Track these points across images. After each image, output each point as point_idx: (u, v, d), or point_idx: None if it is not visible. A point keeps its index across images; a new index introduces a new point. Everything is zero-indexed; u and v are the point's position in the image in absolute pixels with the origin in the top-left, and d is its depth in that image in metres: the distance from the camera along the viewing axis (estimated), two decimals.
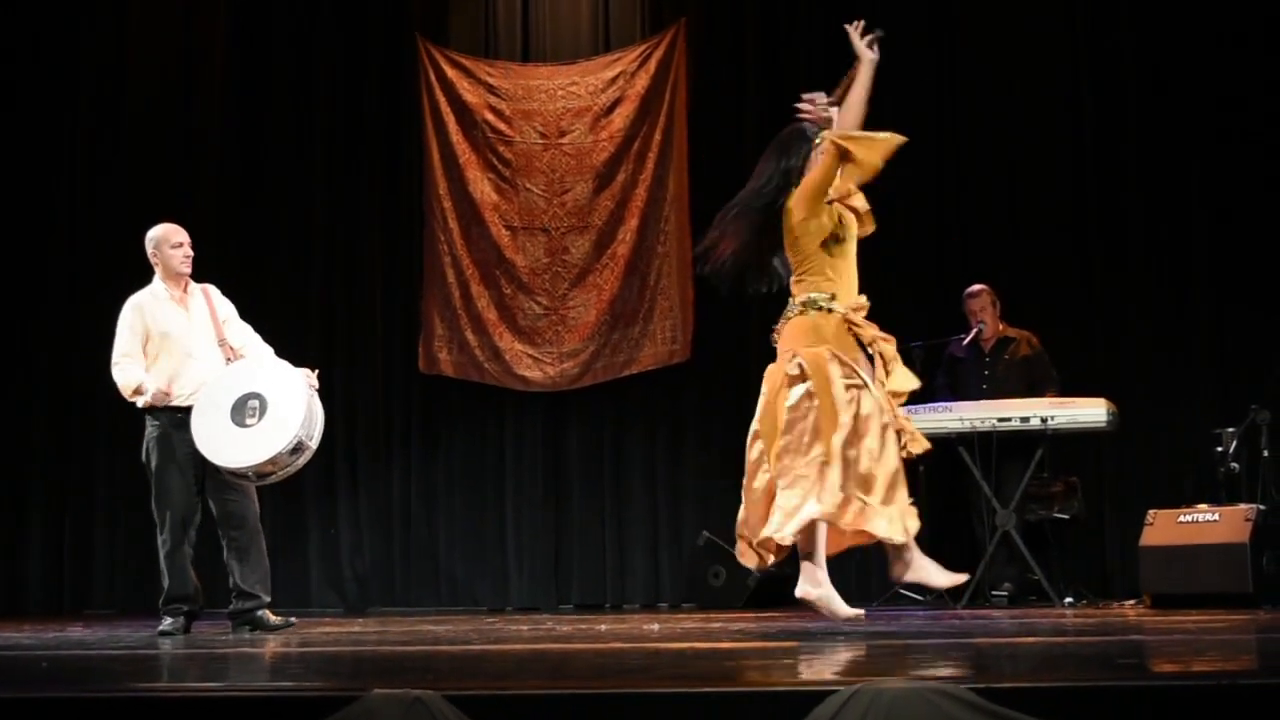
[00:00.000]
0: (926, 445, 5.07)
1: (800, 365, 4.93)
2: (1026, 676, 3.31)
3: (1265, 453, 6.72)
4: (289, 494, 7.80)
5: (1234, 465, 6.74)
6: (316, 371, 6.08)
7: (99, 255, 8.62)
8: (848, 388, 4.90)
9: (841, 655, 4.15)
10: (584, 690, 3.17)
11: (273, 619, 6.01)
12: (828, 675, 3.52)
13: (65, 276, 8.73)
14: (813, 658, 4.02)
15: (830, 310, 5.01)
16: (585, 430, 8.68)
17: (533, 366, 8.61)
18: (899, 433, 4.98)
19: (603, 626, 6.01)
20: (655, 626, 5.85)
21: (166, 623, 5.90)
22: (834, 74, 8.41)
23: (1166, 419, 7.93)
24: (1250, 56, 8.01)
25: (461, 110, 8.73)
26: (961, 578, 5.22)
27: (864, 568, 7.64)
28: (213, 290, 6.23)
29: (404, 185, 8.82)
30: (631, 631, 5.56)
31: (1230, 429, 6.81)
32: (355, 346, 8.72)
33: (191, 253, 6.13)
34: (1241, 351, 7.81)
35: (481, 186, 8.70)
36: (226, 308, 6.23)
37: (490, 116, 8.73)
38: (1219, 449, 6.81)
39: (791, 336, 5.03)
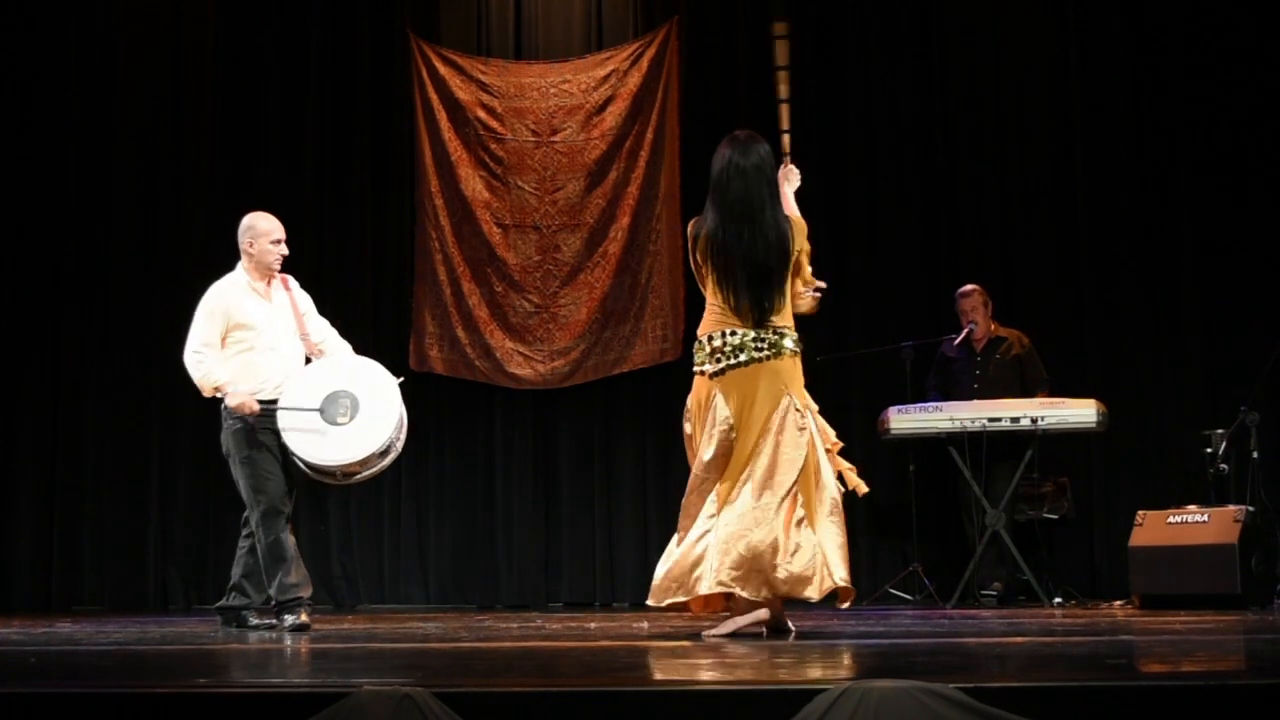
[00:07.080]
0: None
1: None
2: (1015, 676, 3.32)
3: (1254, 454, 6.74)
4: None
5: (1223, 466, 6.76)
6: (401, 380, 5.95)
7: (87, 250, 8.60)
8: None
9: (830, 654, 4.16)
10: (573, 688, 3.17)
11: (260, 620, 5.94)
12: (816, 674, 3.52)
13: (52, 272, 8.67)
14: (802, 656, 4.02)
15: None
16: (576, 428, 8.66)
17: (523, 364, 8.60)
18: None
19: (592, 624, 6.01)
20: (645, 625, 5.85)
21: (289, 621, 5.64)
22: (826, 73, 8.54)
23: (1156, 420, 7.95)
24: (1241, 57, 8.03)
25: (453, 107, 8.72)
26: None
27: (855, 568, 7.63)
28: (293, 282, 6.06)
29: (395, 182, 8.80)
30: (621, 630, 5.56)
31: (1219, 430, 6.83)
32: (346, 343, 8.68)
33: (286, 251, 5.94)
34: (1230, 353, 7.82)
35: (473, 184, 8.69)
36: (306, 300, 6.08)
37: (482, 114, 8.72)
38: (1208, 450, 6.83)
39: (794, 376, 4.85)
